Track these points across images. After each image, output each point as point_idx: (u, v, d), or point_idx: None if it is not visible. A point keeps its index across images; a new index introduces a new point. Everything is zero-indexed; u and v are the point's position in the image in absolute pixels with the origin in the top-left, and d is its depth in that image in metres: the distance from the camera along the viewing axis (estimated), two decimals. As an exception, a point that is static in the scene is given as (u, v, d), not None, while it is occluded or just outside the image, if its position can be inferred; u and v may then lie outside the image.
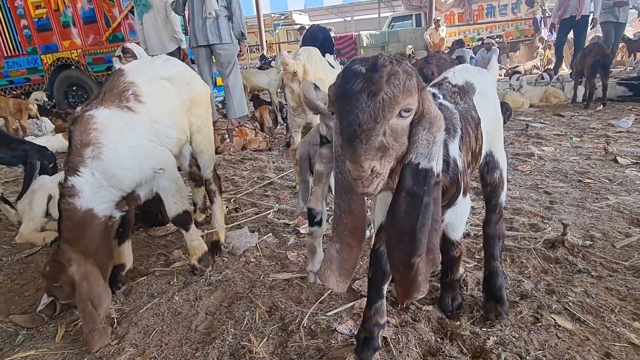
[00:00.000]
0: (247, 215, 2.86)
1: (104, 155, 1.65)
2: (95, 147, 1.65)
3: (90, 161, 1.64)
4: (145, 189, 1.88)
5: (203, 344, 1.56)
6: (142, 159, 1.77)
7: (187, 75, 2.17)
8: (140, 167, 1.76)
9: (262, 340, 1.54)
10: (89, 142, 1.65)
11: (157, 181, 1.87)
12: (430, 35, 13.24)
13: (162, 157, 1.86)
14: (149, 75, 1.96)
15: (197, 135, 2.22)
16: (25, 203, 2.81)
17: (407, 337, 1.49)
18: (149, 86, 1.91)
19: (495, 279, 1.60)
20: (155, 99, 1.91)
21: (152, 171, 1.81)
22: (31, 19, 7.81)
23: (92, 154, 1.64)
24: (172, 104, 2.01)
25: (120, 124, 1.74)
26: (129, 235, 2.05)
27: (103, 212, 1.69)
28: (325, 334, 1.55)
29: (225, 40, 5.33)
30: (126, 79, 1.87)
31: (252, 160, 4.51)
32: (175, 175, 1.91)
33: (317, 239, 1.87)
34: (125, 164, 1.71)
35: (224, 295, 1.89)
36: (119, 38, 7.54)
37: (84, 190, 1.63)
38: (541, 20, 14.79)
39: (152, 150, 1.83)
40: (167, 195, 1.91)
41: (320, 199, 1.82)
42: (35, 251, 2.53)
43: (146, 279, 2.07)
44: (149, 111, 1.85)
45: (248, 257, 2.23)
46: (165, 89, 2.00)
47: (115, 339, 1.62)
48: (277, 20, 18.17)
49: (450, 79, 1.41)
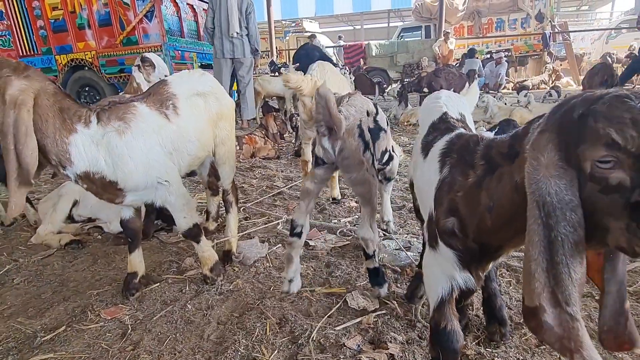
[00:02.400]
0: (256, 224, 2.91)
1: (125, 136, 1.70)
2: (124, 124, 1.71)
3: (111, 129, 1.67)
4: (144, 196, 1.87)
5: (215, 353, 1.61)
6: (153, 163, 1.80)
7: (217, 91, 2.26)
8: (146, 170, 1.77)
9: (273, 353, 1.58)
10: (122, 118, 1.72)
11: (161, 194, 1.88)
12: (439, 47, 13.33)
13: (170, 172, 1.89)
14: (187, 90, 2.04)
15: (220, 147, 2.29)
16: (48, 205, 2.89)
17: (413, 355, 1.53)
18: (186, 101, 2.00)
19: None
20: (188, 114, 1.99)
21: (157, 180, 1.83)
22: (47, 20, 7.95)
23: (116, 126, 1.69)
24: (201, 121, 2.08)
25: (153, 124, 1.82)
26: (138, 245, 2.08)
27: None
28: (334, 348, 1.59)
29: (247, 55, 7.01)
30: (169, 90, 1.97)
31: (261, 169, 4.57)
32: (181, 191, 1.94)
33: (295, 249, 1.93)
34: (135, 157, 1.72)
35: (235, 305, 1.94)
36: (132, 41, 7.66)
37: (79, 141, 1.62)
38: (550, 35, 14.85)
39: (166, 161, 1.88)
40: (175, 210, 1.95)
41: (304, 213, 1.87)
42: (51, 253, 2.59)
43: (159, 286, 2.12)
44: (180, 124, 1.93)
45: (258, 268, 2.28)
46: (197, 106, 2.07)
47: (130, 345, 1.68)
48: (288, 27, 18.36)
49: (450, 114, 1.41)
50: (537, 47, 15.56)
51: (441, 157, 1.19)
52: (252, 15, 6.97)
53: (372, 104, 1.89)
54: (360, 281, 2.10)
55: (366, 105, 1.83)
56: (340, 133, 1.63)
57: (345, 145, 1.67)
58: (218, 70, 7.04)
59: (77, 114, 1.65)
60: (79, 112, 1.65)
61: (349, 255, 2.39)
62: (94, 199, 2.86)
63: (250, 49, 7.06)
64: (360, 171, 1.71)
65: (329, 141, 1.68)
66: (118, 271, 2.31)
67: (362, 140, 1.71)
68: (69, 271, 2.35)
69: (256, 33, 7.07)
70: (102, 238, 2.81)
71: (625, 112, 0.69)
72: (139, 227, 2.06)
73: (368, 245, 1.85)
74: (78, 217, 2.96)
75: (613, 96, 0.72)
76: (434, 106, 1.50)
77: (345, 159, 1.69)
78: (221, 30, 6.77)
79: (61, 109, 1.60)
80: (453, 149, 1.16)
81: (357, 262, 2.30)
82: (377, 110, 1.90)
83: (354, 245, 2.51)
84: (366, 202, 1.80)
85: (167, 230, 2.87)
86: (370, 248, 1.85)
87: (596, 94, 0.75)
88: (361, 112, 1.77)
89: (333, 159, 1.71)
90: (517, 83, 13.62)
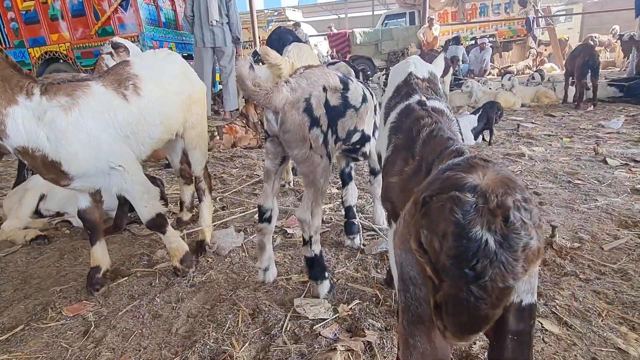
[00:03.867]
0: (234, 214, 2.81)
1: (71, 114, 1.58)
2: (71, 100, 1.60)
3: (55, 104, 1.56)
4: (95, 182, 1.76)
5: (183, 348, 1.51)
6: (104, 145, 1.67)
7: (188, 72, 2.14)
8: (95, 152, 1.65)
9: (244, 345, 1.50)
10: (70, 95, 1.60)
11: (116, 181, 1.76)
12: (424, 34, 13.22)
13: (126, 157, 1.77)
14: (152, 71, 1.92)
15: (190, 132, 2.18)
16: (14, 199, 2.75)
17: (392, 341, 1.46)
18: (150, 82, 1.88)
19: None
20: (153, 95, 1.87)
21: (109, 165, 1.70)
22: (18, 12, 7.64)
23: (62, 102, 1.58)
24: (168, 104, 1.96)
25: (106, 104, 1.70)
26: (99, 237, 1.95)
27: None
28: (309, 338, 1.51)
29: (228, 44, 6.82)
30: (130, 70, 1.85)
31: (242, 158, 4.45)
32: (139, 177, 1.81)
33: (267, 236, 1.85)
34: (82, 138, 1.61)
35: (206, 297, 1.84)
36: (108, 32, 7.40)
37: (18, 113, 1.52)
38: (534, 20, 14.85)
39: (120, 145, 1.75)
40: (135, 199, 1.83)
41: (270, 195, 1.79)
42: (15, 250, 2.45)
43: (127, 280, 2.01)
44: (141, 106, 1.81)
45: (233, 258, 2.19)
46: (164, 87, 1.95)
47: (92, 343, 1.57)
48: (271, 16, 18.01)
49: (415, 72, 1.37)
50: (521, 32, 15.55)
51: (390, 132, 1.18)
52: (232, 2, 6.80)
53: (341, 79, 1.70)
54: (339, 268, 2.01)
55: (324, 80, 1.64)
56: (269, 104, 1.53)
57: (285, 118, 1.55)
58: (199, 60, 6.85)
59: (20, 84, 1.53)
60: (20, 82, 1.53)
61: (328, 242, 2.30)
62: (62, 192, 2.76)
63: (231, 37, 6.86)
64: (303, 148, 1.58)
65: (272, 113, 1.58)
66: (85, 266, 2.19)
67: (309, 115, 1.56)
68: (33, 267, 2.23)
69: (237, 21, 6.88)
70: (70, 233, 2.68)
71: (443, 221, 0.68)
72: (98, 217, 1.94)
73: (303, 229, 1.71)
74: (46, 211, 2.82)
75: (448, 197, 0.69)
76: (402, 67, 1.46)
77: (286, 132, 1.57)
78: (200, 18, 6.60)
79: (2, 77, 1.48)
80: (401, 127, 1.15)
81: (336, 248, 2.22)
82: (346, 87, 1.70)
83: (334, 232, 2.42)
84: (309, 183, 1.67)
85: (140, 222, 2.74)
86: (306, 232, 1.71)
87: (437, 183, 0.75)
88: (314, 86, 1.60)
89: (275, 131, 1.61)
90: (501, 69, 13.61)
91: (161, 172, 4.14)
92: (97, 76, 1.78)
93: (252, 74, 1.50)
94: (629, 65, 9.32)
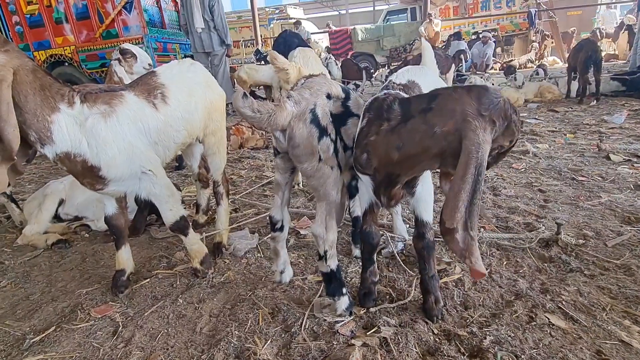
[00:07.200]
0: (247, 215, 2.89)
1: (110, 121, 1.68)
2: (110, 108, 1.70)
3: (96, 112, 1.65)
4: (127, 186, 1.83)
5: (208, 346, 1.60)
6: (137, 151, 1.76)
7: (209, 80, 2.23)
8: (130, 157, 1.74)
9: (266, 342, 1.58)
10: (109, 103, 1.70)
11: (145, 185, 1.85)
12: (425, 29, 13.24)
13: (154, 162, 1.86)
14: (177, 80, 2.02)
15: (211, 138, 2.27)
16: (33, 205, 2.84)
17: (406, 337, 1.53)
18: (176, 90, 1.98)
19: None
20: (178, 103, 1.97)
21: (141, 169, 1.80)
22: (23, 16, 7.71)
23: (102, 110, 1.67)
24: (191, 111, 2.05)
25: (139, 113, 1.80)
26: (125, 241, 2.05)
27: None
28: (327, 335, 1.59)
29: (216, 48, 7.40)
30: (158, 80, 1.96)
31: (250, 159, 4.53)
32: (166, 181, 1.91)
33: (280, 243, 1.91)
34: (119, 143, 1.70)
35: (226, 297, 1.93)
36: (112, 34, 7.49)
37: (62, 120, 1.59)
38: (536, 13, 14.81)
39: (150, 150, 1.85)
40: (161, 203, 1.91)
41: (279, 206, 1.83)
42: (38, 254, 2.54)
43: (149, 281, 2.10)
44: (168, 114, 1.91)
45: (249, 259, 2.27)
46: (188, 95, 2.05)
47: (121, 342, 1.66)
48: (272, 14, 18.03)
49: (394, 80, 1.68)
50: (523, 26, 15.53)
51: (363, 112, 1.54)
52: (215, 7, 7.13)
53: (343, 88, 1.68)
54: (351, 267, 2.09)
55: (327, 88, 1.62)
56: (275, 126, 1.49)
57: (293, 132, 1.53)
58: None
59: (60, 92, 1.60)
60: (61, 90, 1.61)
61: (339, 242, 2.38)
62: (81, 197, 2.85)
63: (219, 42, 7.35)
64: (313, 161, 1.56)
65: (279, 131, 1.55)
66: (107, 269, 2.28)
67: (316, 125, 1.53)
68: (57, 271, 2.32)
69: (223, 25, 7.27)
70: (89, 236, 2.77)
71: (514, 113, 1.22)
72: (124, 223, 2.02)
73: (318, 244, 1.67)
74: (65, 216, 2.91)
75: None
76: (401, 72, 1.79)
77: (295, 147, 1.55)
78: (189, 26, 7.21)
79: (42, 86, 1.55)
80: (371, 107, 1.49)
81: (347, 248, 2.30)
82: (347, 95, 1.67)
83: (345, 232, 2.50)
84: (320, 197, 1.63)
85: (157, 225, 2.83)
86: (321, 247, 1.66)
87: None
88: (317, 95, 1.58)
89: (284, 148, 1.60)
90: (504, 63, 13.61)
91: (172, 174, 4.22)
92: (128, 86, 1.89)
93: (247, 102, 1.43)
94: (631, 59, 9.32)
